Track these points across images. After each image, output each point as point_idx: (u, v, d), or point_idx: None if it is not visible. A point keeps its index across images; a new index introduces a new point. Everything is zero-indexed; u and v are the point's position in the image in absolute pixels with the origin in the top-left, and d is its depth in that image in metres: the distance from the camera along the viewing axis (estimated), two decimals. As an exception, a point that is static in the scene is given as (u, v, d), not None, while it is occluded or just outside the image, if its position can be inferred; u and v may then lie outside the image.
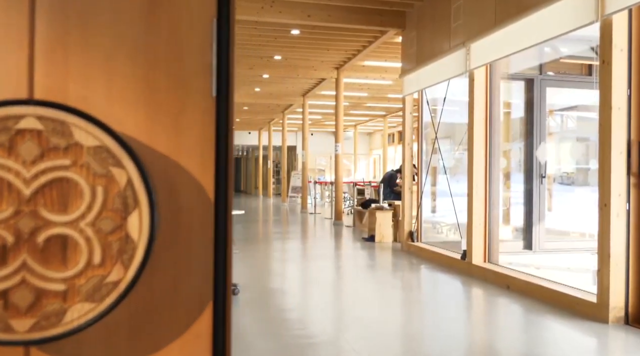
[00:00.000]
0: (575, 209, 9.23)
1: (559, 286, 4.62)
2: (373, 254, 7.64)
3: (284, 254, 7.40)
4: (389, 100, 16.42)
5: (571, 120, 10.63)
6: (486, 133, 5.87)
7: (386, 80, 12.89)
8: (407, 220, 7.78)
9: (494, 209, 5.91)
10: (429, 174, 7.84)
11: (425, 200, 7.97)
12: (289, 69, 11.54)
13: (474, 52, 5.79)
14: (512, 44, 5.18)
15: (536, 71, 7.87)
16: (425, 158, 7.82)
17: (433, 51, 6.78)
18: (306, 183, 15.67)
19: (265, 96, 15.79)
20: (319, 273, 6.18)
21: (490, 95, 5.88)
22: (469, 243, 5.89)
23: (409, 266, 6.71)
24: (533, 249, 7.84)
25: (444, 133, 8.00)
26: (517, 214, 7.94)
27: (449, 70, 6.36)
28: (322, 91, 14.65)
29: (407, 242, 7.71)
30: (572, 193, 9.99)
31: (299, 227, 11.78)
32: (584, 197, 9.01)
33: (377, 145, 26.78)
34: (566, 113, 10.06)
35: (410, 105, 7.84)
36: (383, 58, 10.65)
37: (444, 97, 6.85)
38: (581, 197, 9.37)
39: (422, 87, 7.26)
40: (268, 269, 6.15)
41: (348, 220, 11.99)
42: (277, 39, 9.35)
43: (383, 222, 8.64)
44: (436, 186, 8.90)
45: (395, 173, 12.03)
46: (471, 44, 5.81)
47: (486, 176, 5.87)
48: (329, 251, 8.07)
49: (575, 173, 10.54)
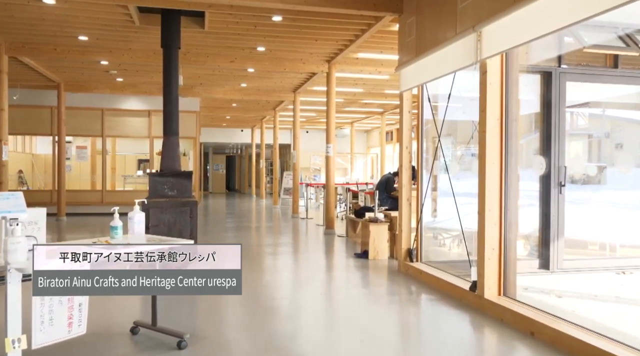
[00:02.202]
0: (591, 213, 8.10)
1: (600, 341, 3.54)
2: (365, 277, 6.55)
3: (259, 281, 6.33)
4: (386, 96, 15.30)
5: (582, 117, 9.60)
6: (501, 139, 4.78)
7: (383, 75, 11.78)
8: (405, 235, 6.69)
9: (511, 231, 4.82)
10: (430, 181, 6.74)
11: (426, 207, 6.87)
12: (274, 61, 10.42)
13: (487, 38, 4.69)
14: (536, 27, 4.08)
15: (554, 63, 6.80)
16: (426, 164, 6.73)
17: (435, 38, 5.68)
18: (297, 185, 14.57)
19: (253, 92, 14.68)
20: (296, 310, 5.10)
21: (506, 91, 4.78)
22: (480, 272, 4.80)
23: (407, 295, 5.63)
24: (550, 269, 6.79)
25: (445, 132, 6.95)
26: (526, 219, 6.88)
27: (455, 61, 5.26)
28: (314, 87, 13.54)
29: (405, 261, 6.62)
30: (584, 193, 8.89)
31: (285, 237, 10.69)
32: (599, 199, 7.88)
33: (374, 143, 25.66)
34: (576, 110, 9.03)
35: (408, 102, 6.73)
36: (379, 49, 9.54)
37: (449, 93, 5.75)
38: (596, 199, 8.25)
39: (422, 81, 6.15)
40: (233, 305, 5.07)
41: (341, 228, 10.90)
42: (258, 27, 8.24)
43: (378, 236, 7.56)
44: (438, 188, 7.81)
45: (392, 177, 10.95)
46: (483, 28, 4.71)
47: (501, 192, 4.77)
48: (314, 273, 6.98)
49: (586, 174, 9.52)
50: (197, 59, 10.06)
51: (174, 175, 7.02)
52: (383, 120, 19.92)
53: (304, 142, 21.25)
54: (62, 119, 13.16)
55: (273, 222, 13.78)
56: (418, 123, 6.62)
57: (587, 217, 7.51)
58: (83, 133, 15.09)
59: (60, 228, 11.60)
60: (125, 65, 11.01)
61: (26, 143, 16.93)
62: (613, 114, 8.52)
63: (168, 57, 7.36)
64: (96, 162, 15.86)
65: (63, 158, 13.31)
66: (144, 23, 7.79)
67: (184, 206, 6.64)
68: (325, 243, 9.49)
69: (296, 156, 14.39)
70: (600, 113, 8.48)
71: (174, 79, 7.37)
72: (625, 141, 7.71)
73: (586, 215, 7.53)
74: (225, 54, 9.98)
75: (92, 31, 8.54)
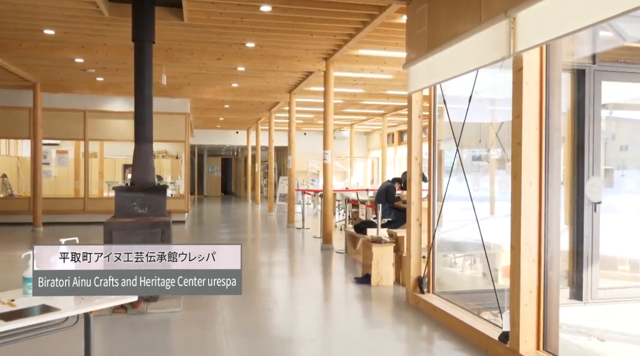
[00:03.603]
0: (610, 222, 7.07)
1: None
2: (368, 312, 5.57)
3: (242, 316, 5.36)
4: (387, 97, 14.31)
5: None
6: (540, 153, 3.79)
7: (385, 74, 10.79)
8: (415, 261, 5.71)
9: (553, 268, 3.83)
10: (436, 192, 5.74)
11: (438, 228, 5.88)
12: (266, 59, 9.43)
13: (523, 26, 3.71)
14: (591, 10, 3.10)
15: (587, 60, 5.85)
16: (437, 174, 5.76)
17: (454, 29, 4.69)
18: (293, 192, 13.56)
19: (246, 93, 13.69)
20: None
21: (547, 92, 3.81)
22: (515, 320, 3.82)
23: (418, 341, 4.65)
24: (584, 299, 5.83)
25: (448, 135, 5.99)
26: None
27: (479, 56, 4.28)
28: (311, 87, 12.54)
29: (414, 291, 5.64)
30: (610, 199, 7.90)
31: (279, 254, 9.70)
32: (610, 203, 6.87)
33: (375, 145, 24.66)
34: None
35: (418, 105, 5.75)
36: (381, 45, 8.55)
37: (470, 95, 4.76)
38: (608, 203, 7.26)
39: (436, 80, 5.16)
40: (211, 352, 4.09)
41: (339, 241, 9.84)
42: (245, 20, 7.25)
43: (381, 259, 6.57)
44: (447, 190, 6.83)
45: (392, 185, 9.96)
46: (518, 13, 3.73)
47: (540, 219, 3.79)
48: (307, 307, 5.99)
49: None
50: (181, 55, 9.06)
51: (145, 190, 6.03)
52: (384, 122, 18.92)
53: (302, 144, 20.23)
54: (38, 121, 12.15)
55: (267, 232, 12.78)
56: (430, 130, 5.63)
57: (608, 228, 6.44)
58: (63, 136, 14.10)
59: (34, 240, 10.61)
60: (102, 63, 10.02)
61: (11, 146, 15.93)
62: (618, 116, 7.69)
63: (140, 52, 6.37)
64: (80, 167, 14.86)
65: (39, 163, 12.30)
66: (114, 14, 6.81)
67: (154, 227, 5.64)
68: (323, 262, 8.50)
69: (292, 161, 13.39)
70: (607, 115, 7.63)
71: (146, 77, 6.37)
72: (630, 142, 7.09)
73: (605, 225, 6.48)
74: (212, 50, 8.99)
75: (57, 24, 7.54)
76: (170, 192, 15.61)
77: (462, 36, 4.46)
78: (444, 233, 6.90)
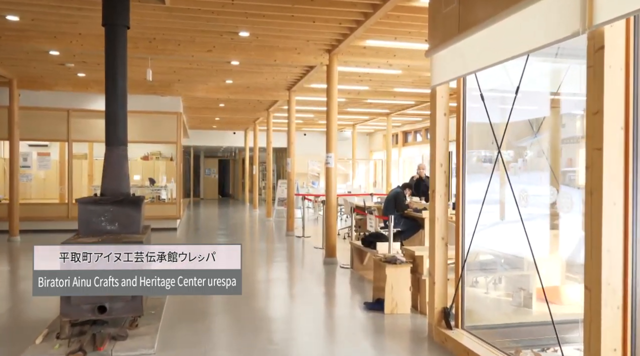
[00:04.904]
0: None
1: None
2: (381, 350, 4.58)
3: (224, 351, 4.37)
4: (394, 95, 13.32)
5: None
6: (627, 162, 2.81)
7: (394, 69, 9.82)
8: (440, 290, 4.72)
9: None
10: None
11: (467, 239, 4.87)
12: (262, 51, 8.44)
13: (606, -11, 2.73)
14: None
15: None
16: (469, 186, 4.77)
17: (495, 2, 3.70)
18: (292, 197, 12.57)
19: (241, 90, 12.70)
20: None
21: (636, 81, 2.83)
22: (589, 386, 2.84)
23: (453, 399, 3.66)
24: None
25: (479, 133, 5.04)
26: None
27: (534, 34, 3.29)
28: (312, 84, 11.56)
29: (438, 326, 4.66)
30: None
31: (277, 269, 8.71)
32: None
33: (377, 146, 23.67)
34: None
35: (444, 100, 4.75)
36: (393, 34, 7.57)
37: (517, 86, 3.77)
38: None
39: (470, 69, 4.17)
40: None
41: (344, 253, 8.76)
42: (236, 3, 6.26)
43: (397, 282, 5.58)
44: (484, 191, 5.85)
45: (401, 191, 9.01)
46: (599, -28, 2.74)
47: (626, 250, 2.81)
48: (307, 347, 5.00)
49: None
50: (166, 47, 8.07)
51: (115, 203, 5.04)
52: (389, 122, 17.93)
53: (301, 145, 19.25)
54: (14, 121, 11.15)
55: (265, 242, 11.78)
56: (458, 131, 4.64)
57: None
58: (46, 137, 13.10)
59: (9, 251, 9.62)
60: (80, 56, 9.02)
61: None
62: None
63: (112, 38, 5.39)
64: (65, 170, 13.84)
65: (16, 165, 11.29)
66: (82, -6, 5.84)
67: (124, 249, 4.65)
68: (326, 280, 7.51)
69: (291, 164, 12.40)
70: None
71: (119, 68, 5.39)
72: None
73: None
74: (201, 40, 8.00)
75: (21, 7, 6.56)
76: (165, 195, 14.67)
77: (509, 10, 3.47)
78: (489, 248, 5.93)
